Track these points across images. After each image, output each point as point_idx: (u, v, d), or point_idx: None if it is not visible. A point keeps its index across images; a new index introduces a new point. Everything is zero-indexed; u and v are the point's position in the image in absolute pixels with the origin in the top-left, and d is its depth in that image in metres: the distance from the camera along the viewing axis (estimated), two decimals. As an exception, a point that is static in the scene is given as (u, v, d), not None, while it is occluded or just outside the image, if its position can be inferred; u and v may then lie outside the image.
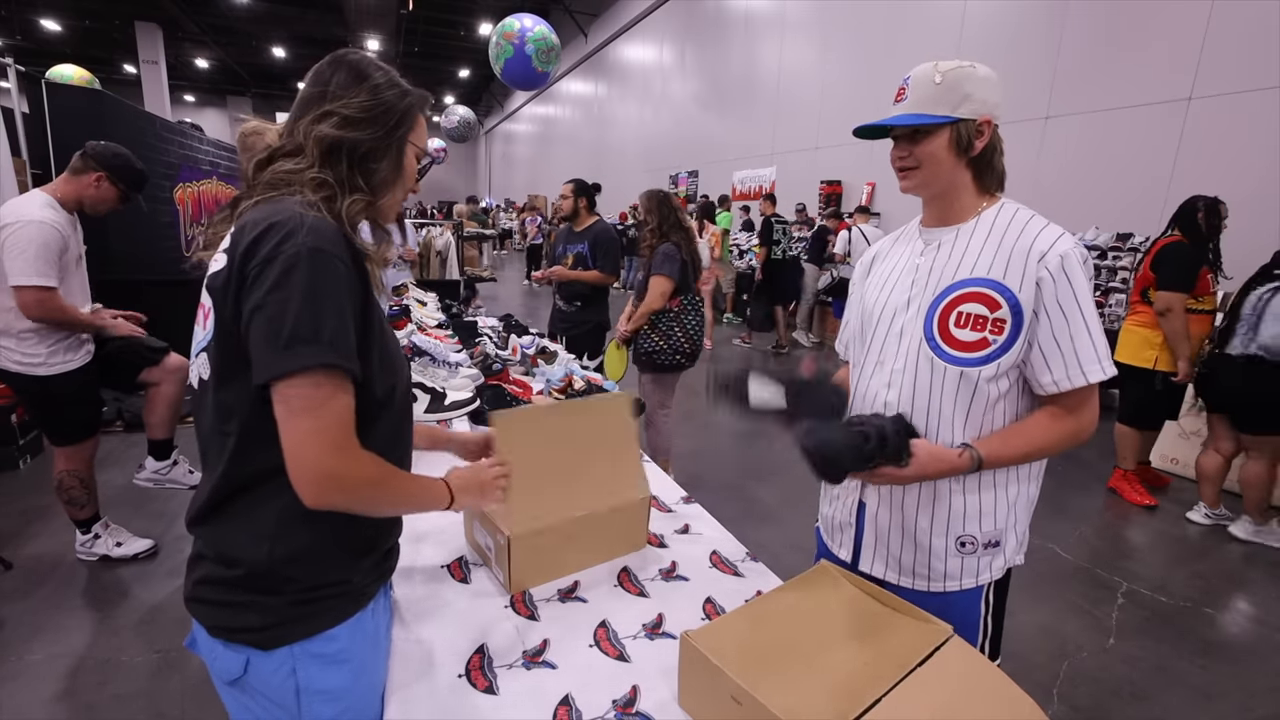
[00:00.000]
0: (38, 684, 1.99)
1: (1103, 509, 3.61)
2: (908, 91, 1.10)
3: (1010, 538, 1.19)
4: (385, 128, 0.89)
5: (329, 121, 0.87)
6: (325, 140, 0.86)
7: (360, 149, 0.88)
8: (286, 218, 0.79)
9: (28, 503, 3.13)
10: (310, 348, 0.75)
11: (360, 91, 0.89)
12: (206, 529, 0.87)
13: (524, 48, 5.19)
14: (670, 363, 3.20)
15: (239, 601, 0.85)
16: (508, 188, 27.30)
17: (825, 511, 1.34)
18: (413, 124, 0.94)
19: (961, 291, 1.10)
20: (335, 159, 0.87)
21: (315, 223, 0.79)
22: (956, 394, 1.10)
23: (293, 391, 0.76)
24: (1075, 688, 2.16)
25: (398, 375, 0.94)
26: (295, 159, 0.86)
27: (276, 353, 0.75)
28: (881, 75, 8.20)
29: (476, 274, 8.48)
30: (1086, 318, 1.05)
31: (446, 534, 1.39)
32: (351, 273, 0.81)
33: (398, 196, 0.96)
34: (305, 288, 0.76)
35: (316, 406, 0.77)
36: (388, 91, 0.90)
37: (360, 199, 0.88)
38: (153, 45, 16.49)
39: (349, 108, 0.87)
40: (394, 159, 0.92)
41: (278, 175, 0.86)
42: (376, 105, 0.89)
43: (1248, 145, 4.95)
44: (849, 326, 1.35)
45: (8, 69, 4.07)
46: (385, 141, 0.90)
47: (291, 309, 0.75)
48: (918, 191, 1.16)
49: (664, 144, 14.43)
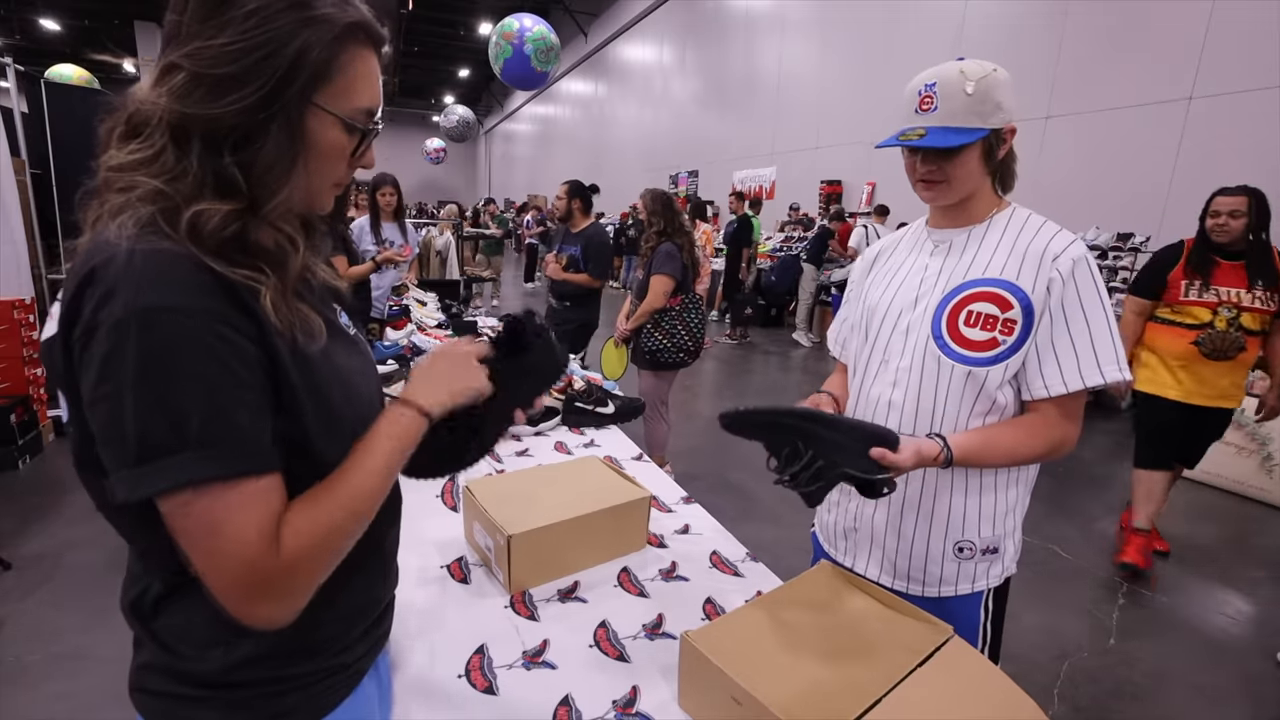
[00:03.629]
0: (38, 684, 1.99)
1: (1103, 509, 3.61)
2: (936, 101, 1.03)
3: (1009, 545, 1.18)
4: (262, 87, 0.55)
5: (172, 79, 0.55)
6: (163, 114, 0.55)
7: (219, 128, 0.55)
8: (105, 258, 0.52)
9: (28, 502, 3.13)
10: (170, 459, 0.52)
11: (221, 21, 0.54)
12: (140, 624, 0.66)
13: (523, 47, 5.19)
14: (674, 361, 3.22)
15: (193, 696, 0.64)
16: (508, 187, 27.28)
17: (826, 519, 1.33)
18: (323, 73, 0.58)
19: (973, 290, 1.08)
20: (185, 144, 0.56)
21: (145, 262, 0.52)
22: (963, 394, 1.09)
23: (171, 512, 0.54)
24: (1076, 688, 2.16)
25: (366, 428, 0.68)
26: (135, 140, 0.57)
27: (127, 469, 0.52)
28: (881, 75, 8.21)
29: (476, 274, 8.48)
30: (1090, 323, 1.03)
31: (446, 534, 1.38)
32: (229, 322, 0.55)
33: (311, 187, 0.63)
34: (140, 372, 0.51)
35: (209, 530, 0.54)
36: (267, 20, 0.55)
37: (220, 208, 0.55)
38: (152, 45, 16.47)
39: (202, 56, 0.54)
40: (283, 137, 0.57)
41: (108, 172, 0.57)
42: (246, 49, 0.54)
43: (1248, 145, 4.95)
44: (845, 324, 1.34)
45: (7, 69, 4.07)
46: (264, 111, 0.56)
47: (129, 407, 0.51)
48: (940, 203, 1.13)
49: (664, 144, 14.42)
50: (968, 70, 1.02)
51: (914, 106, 1.06)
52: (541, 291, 11.35)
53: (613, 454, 1.84)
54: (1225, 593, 2.81)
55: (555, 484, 1.36)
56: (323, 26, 0.57)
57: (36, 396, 3.72)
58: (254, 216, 0.58)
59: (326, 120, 0.60)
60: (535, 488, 1.33)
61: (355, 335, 0.76)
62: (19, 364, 3.63)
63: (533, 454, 1.85)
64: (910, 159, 1.11)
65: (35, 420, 3.67)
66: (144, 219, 0.54)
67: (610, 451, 1.88)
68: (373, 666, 0.77)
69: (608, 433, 2.05)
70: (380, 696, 0.81)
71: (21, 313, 3.66)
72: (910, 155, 1.10)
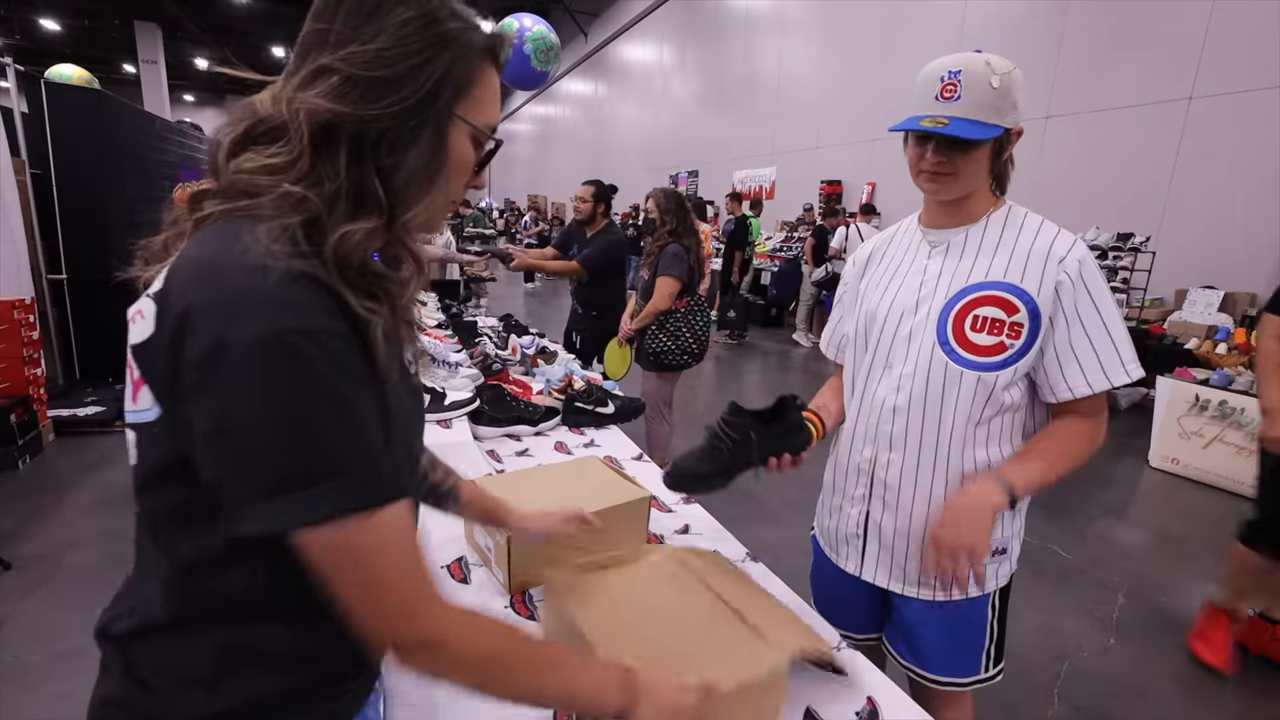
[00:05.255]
0: (38, 684, 1.99)
1: (1102, 509, 3.61)
2: (960, 90, 0.98)
3: (1015, 545, 1.19)
4: (416, 92, 0.55)
5: (323, 82, 0.54)
6: (316, 116, 0.53)
7: (371, 132, 0.55)
8: (234, 273, 0.50)
9: (28, 502, 3.12)
10: (311, 492, 0.50)
11: (377, 28, 0.54)
12: (116, 651, 0.61)
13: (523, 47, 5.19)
14: (678, 362, 3.21)
15: None
16: (508, 188, 27.30)
17: (827, 524, 1.32)
18: (470, 84, 0.59)
19: (978, 295, 1.07)
20: (330, 149, 0.54)
21: (280, 283, 0.50)
22: (973, 399, 1.08)
23: (311, 549, 0.52)
24: (1076, 688, 2.16)
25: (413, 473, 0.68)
26: (275, 145, 0.55)
27: (260, 504, 0.50)
28: (881, 75, 8.21)
29: (476, 274, 8.48)
30: (1107, 321, 1.03)
31: (446, 534, 1.38)
32: (353, 345, 0.53)
33: (439, 203, 0.61)
34: (282, 399, 0.49)
35: (354, 565, 0.53)
36: (421, 30, 0.55)
37: (363, 228, 0.54)
38: (152, 45, 16.48)
39: (356, 59, 0.54)
40: (430, 145, 0.57)
41: (241, 174, 0.54)
42: (403, 54, 0.55)
43: (1248, 145, 4.95)
44: (840, 326, 1.32)
45: (7, 68, 4.07)
46: (415, 117, 0.56)
47: (265, 438, 0.49)
48: (942, 197, 1.10)
49: (664, 144, 14.43)
50: (994, 63, 0.98)
51: (934, 92, 1.00)
52: (541, 292, 11.35)
53: (613, 454, 1.84)
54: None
55: (555, 484, 1.36)
56: (468, 42, 0.58)
57: (36, 396, 3.71)
58: (388, 233, 0.57)
59: (464, 132, 0.60)
60: (535, 487, 1.33)
61: (415, 376, 0.74)
62: (19, 364, 3.63)
63: (533, 454, 1.85)
64: (918, 148, 1.06)
65: (35, 420, 3.66)
66: (285, 232, 0.51)
67: (610, 451, 1.88)
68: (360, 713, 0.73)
69: (608, 433, 2.05)
70: None
71: (21, 313, 3.65)
72: (919, 144, 1.05)
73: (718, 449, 1.13)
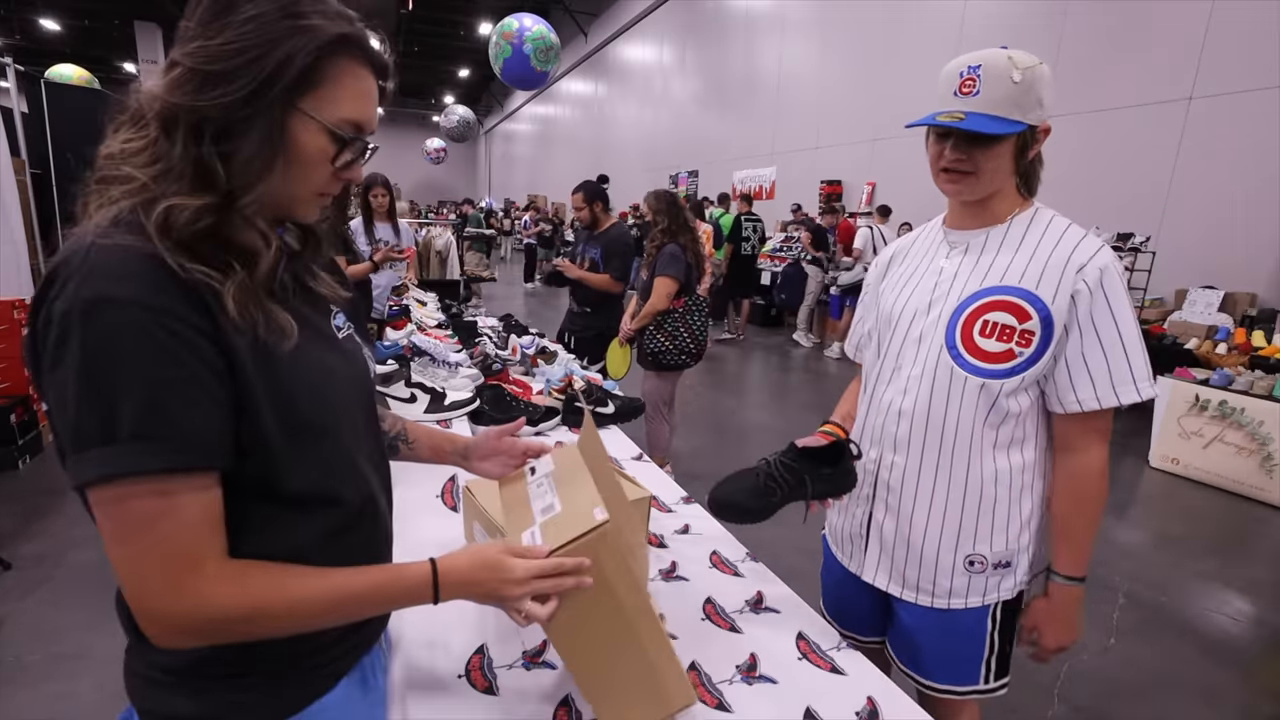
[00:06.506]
0: (38, 684, 1.99)
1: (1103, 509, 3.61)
2: (979, 85, 0.96)
3: (1022, 560, 1.14)
4: (247, 85, 0.58)
5: (169, 75, 0.59)
6: (157, 105, 0.59)
7: (204, 119, 0.58)
8: (69, 252, 0.55)
9: (27, 502, 3.13)
10: (101, 450, 0.53)
11: (222, 24, 0.58)
12: (121, 612, 0.67)
13: (523, 47, 5.20)
14: (676, 362, 3.22)
15: (160, 680, 0.66)
16: (508, 188, 27.28)
17: (835, 522, 1.31)
18: (311, 80, 0.61)
19: (989, 299, 1.04)
20: (170, 135, 0.59)
21: (100, 256, 0.54)
22: (976, 405, 1.06)
23: (98, 510, 0.56)
24: (1076, 688, 2.16)
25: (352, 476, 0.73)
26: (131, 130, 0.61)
27: (69, 457, 0.55)
28: (881, 75, 8.22)
29: (476, 274, 8.49)
30: (1124, 335, 1.00)
31: (446, 534, 1.38)
32: (181, 318, 0.56)
33: (285, 191, 0.64)
34: (82, 362, 0.53)
35: (132, 531, 0.56)
36: (264, 25, 0.58)
37: (193, 204, 0.57)
38: (152, 45, 16.47)
39: (199, 54, 0.58)
40: (263, 133, 0.59)
41: (101, 161, 0.60)
42: (239, 49, 0.57)
43: (1248, 145, 4.95)
44: (861, 326, 1.31)
45: (7, 69, 4.07)
46: (246, 108, 0.58)
47: (70, 396, 0.53)
48: (963, 197, 1.07)
49: (664, 144, 14.43)
50: (1016, 58, 0.96)
51: (953, 88, 0.99)
52: (541, 292, 11.34)
53: (613, 454, 1.84)
54: (1225, 593, 2.80)
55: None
56: (312, 35, 0.60)
57: (36, 396, 3.71)
58: (229, 210, 0.60)
59: (310, 125, 0.62)
60: None
61: (347, 339, 0.77)
62: (19, 364, 3.63)
63: (533, 454, 1.85)
64: (938, 145, 1.03)
65: (35, 420, 3.67)
66: (120, 214, 0.57)
67: (610, 451, 1.87)
68: (357, 668, 0.77)
69: (608, 433, 2.05)
70: (367, 698, 0.80)
71: (21, 313, 3.66)
72: (938, 141, 1.03)
73: (771, 489, 1.11)
